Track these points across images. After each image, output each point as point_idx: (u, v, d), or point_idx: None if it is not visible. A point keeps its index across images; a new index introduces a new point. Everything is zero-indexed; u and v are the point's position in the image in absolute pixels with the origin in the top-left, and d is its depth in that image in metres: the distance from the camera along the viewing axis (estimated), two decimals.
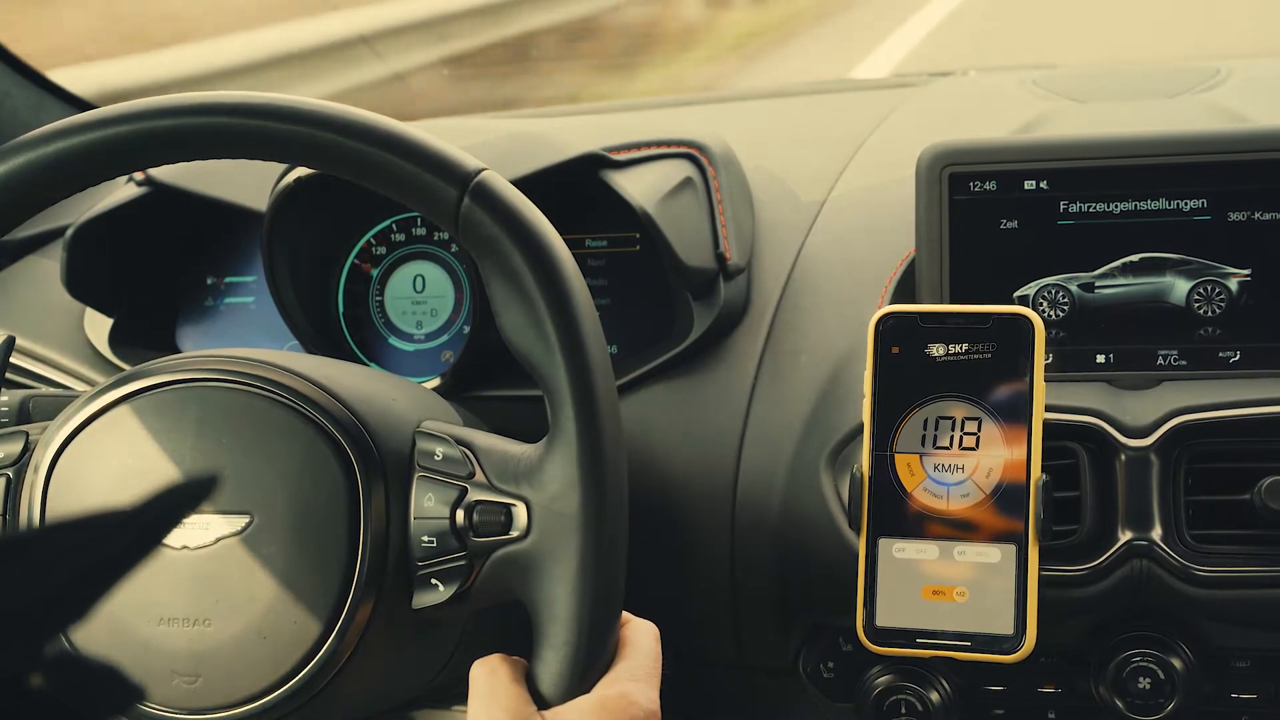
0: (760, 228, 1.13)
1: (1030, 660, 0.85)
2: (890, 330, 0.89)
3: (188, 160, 0.79)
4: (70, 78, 1.46)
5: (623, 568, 0.76)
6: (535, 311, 0.75)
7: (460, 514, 0.78)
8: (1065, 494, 0.92)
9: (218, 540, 0.78)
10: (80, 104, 1.46)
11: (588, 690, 0.73)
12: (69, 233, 1.15)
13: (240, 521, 0.78)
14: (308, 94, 0.79)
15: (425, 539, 0.79)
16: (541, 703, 0.73)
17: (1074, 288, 0.99)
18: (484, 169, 0.77)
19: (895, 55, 5.03)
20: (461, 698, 0.76)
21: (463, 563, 0.78)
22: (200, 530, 0.78)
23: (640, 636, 0.77)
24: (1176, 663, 0.92)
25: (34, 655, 0.39)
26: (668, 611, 0.90)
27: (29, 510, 0.81)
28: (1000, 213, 0.99)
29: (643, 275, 1.12)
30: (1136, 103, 1.20)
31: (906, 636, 0.87)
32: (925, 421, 0.88)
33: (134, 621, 0.78)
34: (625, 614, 0.78)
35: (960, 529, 0.86)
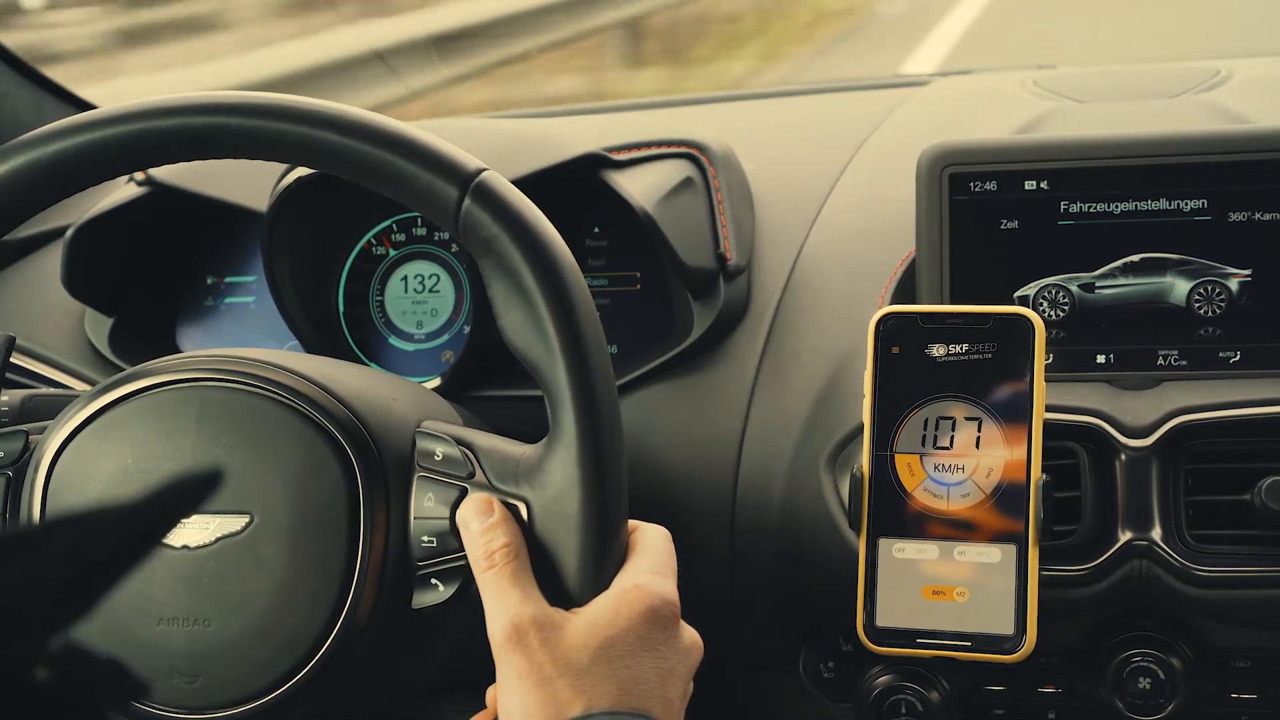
0: (760, 228, 1.13)
1: (1030, 660, 0.85)
2: (890, 330, 0.89)
3: (188, 160, 0.79)
4: (89, 94, 1.46)
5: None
6: (535, 312, 0.75)
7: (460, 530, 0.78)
8: (1065, 494, 0.92)
9: (218, 540, 0.78)
10: (80, 104, 1.46)
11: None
12: (69, 233, 1.15)
13: (240, 521, 0.78)
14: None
15: (425, 539, 0.79)
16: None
17: (1074, 288, 0.99)
18: (484, 169, 0.77)
19: (936, 54, 5.04)
20: (462, 696, 0.76)
21: (463, 563, 0.78)
22: (200, 530, 0.78)
23: (650, 538, 0.78)
24: (1176, 663, 0.92)
25: (36, 652, 0.39)
26: None
27: (29, 510, 0.81)
28: (1000, 213, 0.99)
29: (643, 275, 1.12)
30: (1136, 103, 1.19)
31: (906, 636, 0.87)
32: (925, 421, 0.88)
33: (134, 621, 0.78)
34: (633, 521, 0.79)
35: (960, 529, 0.86)
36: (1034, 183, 0.99)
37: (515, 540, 0.75)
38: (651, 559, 0.76)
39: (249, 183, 1.13)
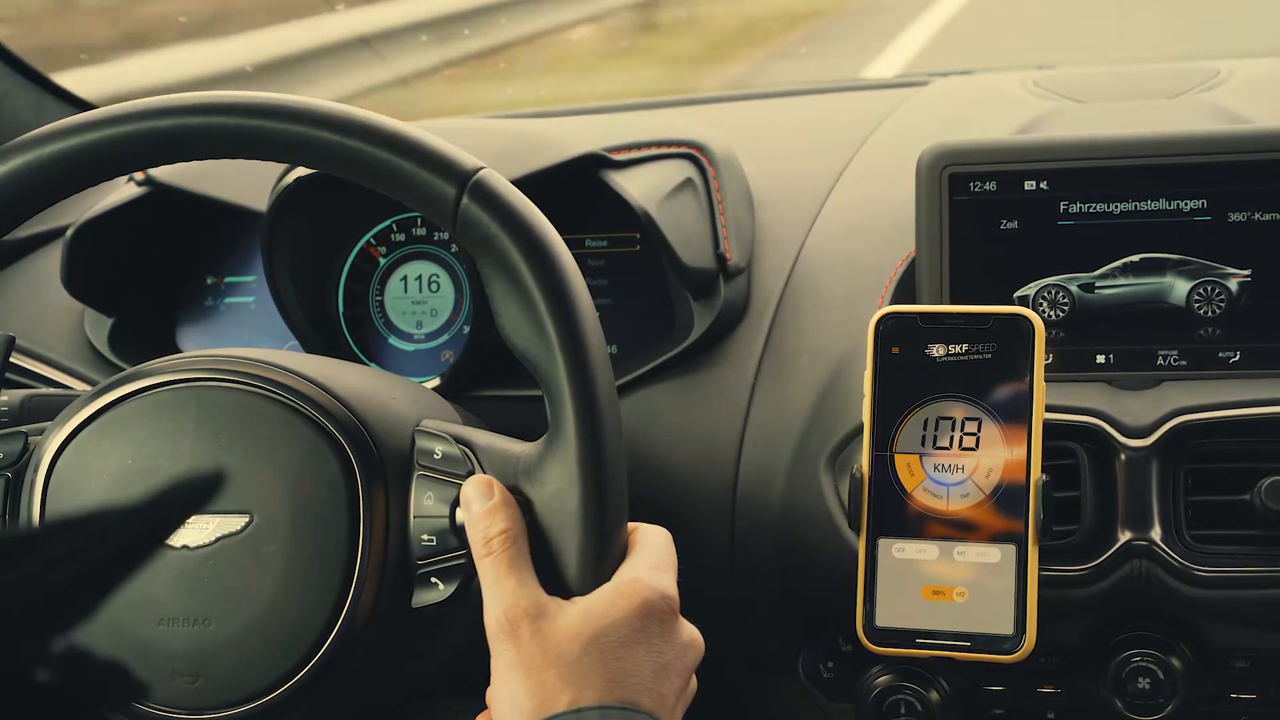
0: (760, 228, 1.13)
1: (1030, 660, 0.85)
2: (890, 330, 0.89)
3: (187, 160, 0.80)
4: (76, 80, 1.46)
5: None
6: (534, 309, 0.75)
7: (460, 512, 0.78)
8: (1065, 494, 0.92)
9: (218, 540, 0.78)
10: (80, 104, 1.46)
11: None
12: (69, 233, 1.15)
13: (240, 521, 0.78)
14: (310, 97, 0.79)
15: (425, 537, 0.79)
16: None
17: (1074, 288, 0.99)
18: (482, 167, 0.77)
19: (904, 55, 5.02)
20: (462, 696, 0.76)
21: (463, 561, 0.78)
22: (200, 530, 0.78)
23: (650, 537, 0.78)
24: (1176, 663, 0.92)
25: (38, 654, 0.39)
26: None
27: (29, 511, 0.81)
28: (1000, 213, 0.99)
29: (643, 275, 1.12)
30: (1136, 103, 1.20)
31: (906, 637, 0.87)
32: (925, 422, 0.88)
33: (134, 621, 0.78)
34: (634, 523, 0.79)
35: (960, 529, 0.86)
36: (1034, 183, 0.99)
37: (514, 526, 0.75)
38: (650, 555, 0.76)
39: (249, 183, 1.13)
